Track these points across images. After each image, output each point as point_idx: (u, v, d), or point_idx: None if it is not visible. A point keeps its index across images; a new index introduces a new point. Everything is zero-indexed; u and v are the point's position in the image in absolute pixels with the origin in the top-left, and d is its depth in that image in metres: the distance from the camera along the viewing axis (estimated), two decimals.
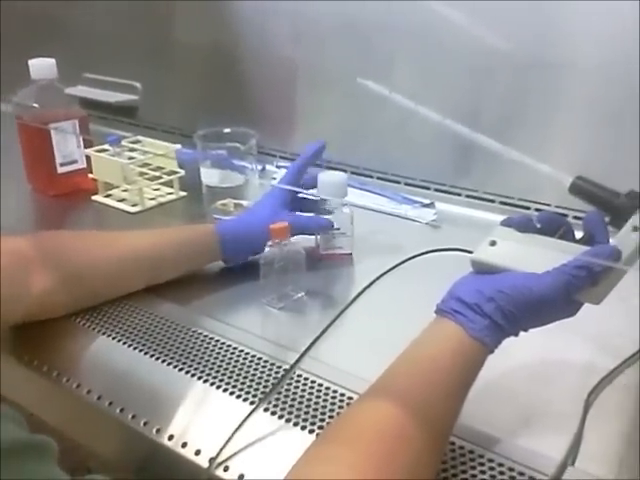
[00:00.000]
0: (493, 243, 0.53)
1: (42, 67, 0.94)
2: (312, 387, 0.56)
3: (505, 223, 0.55)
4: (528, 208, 0.90)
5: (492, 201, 0.93)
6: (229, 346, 0.62)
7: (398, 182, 1.00)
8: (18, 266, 0.61)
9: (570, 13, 0.81)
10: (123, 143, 1.01)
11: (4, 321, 0.60)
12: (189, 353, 0.61)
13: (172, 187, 1.00)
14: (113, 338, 0.65)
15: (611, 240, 0.51)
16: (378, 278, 0.73)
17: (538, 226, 0.54)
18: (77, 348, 0.65)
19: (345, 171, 1.04)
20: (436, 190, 0.97)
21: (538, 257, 0.51)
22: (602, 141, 0.84)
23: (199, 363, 0.60)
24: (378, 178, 1.02)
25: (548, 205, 0.88)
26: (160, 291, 0.72)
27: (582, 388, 0.55)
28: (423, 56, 0.95)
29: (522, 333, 0.50)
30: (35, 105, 0.95)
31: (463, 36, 0.89)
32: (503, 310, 0.48)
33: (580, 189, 0.54)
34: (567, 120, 0.87)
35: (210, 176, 0.90)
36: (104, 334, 0.65)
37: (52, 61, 0.95)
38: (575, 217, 0.85)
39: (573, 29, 0.83)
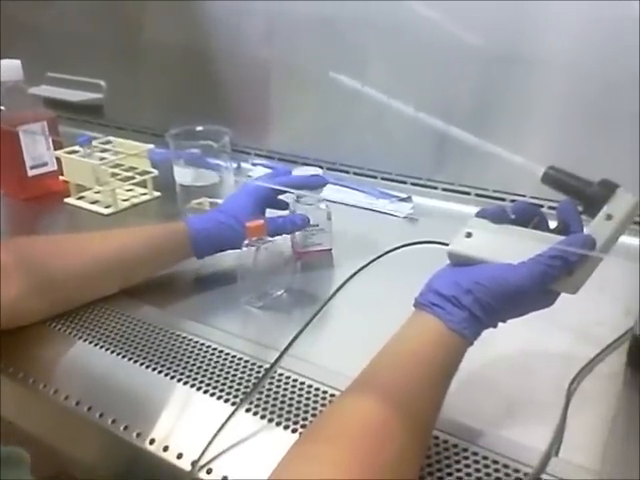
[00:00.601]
0: (469, 235, 0.53)
1: (8, 69, 0.92)
2: (294, 385, 0.55)
3: (480, 215, 0.54)
4: (503, 199, 0.90)
5: (468, 194, 0.93)
6: (208, 347, 0.61)
7: (375, 177, 1.00)
8: None
9: (543, 9, 0.81)
10: (94, 144, 0.99)
11: None
12: (168, 355, 0.60)
13: (146, 187, 0.99)
14: (90, 342, 0.64)
15: (585, 229, 0.52)
16: (355, 274, 0.72)
17: (512, 217, 0.53)
18: (54, 354, 0.64)
19: (322, 167, 1.04)
20: (413, 184, 0.97)
21: (513, 247, 0.51)
22: (575, 134, 0.85)
23: (178, 365, 0.59)
24: (355, 174, 1.02)
25: (523, 196, 0.88)
26: (138, 294, 0.71)
27: (563, 377, 0.55)
28: (397, 52, 0.94)
29: (501, 324, 0.50)
30: (1, 108, 0.93)
31: (437, 31, 0.89)
32: (480, 302, 0.47)
33: (552, 179, 0.54)
34: (540, 114, 0.87)
35: (183, 175, 0.89)
36: (81, 338, 0.64)
37: (18, 62, 0.93)
38: (550, 207, 0.86)
39: (546, 25, 0.83)
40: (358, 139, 1.02)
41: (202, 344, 0.61)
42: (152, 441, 0.52)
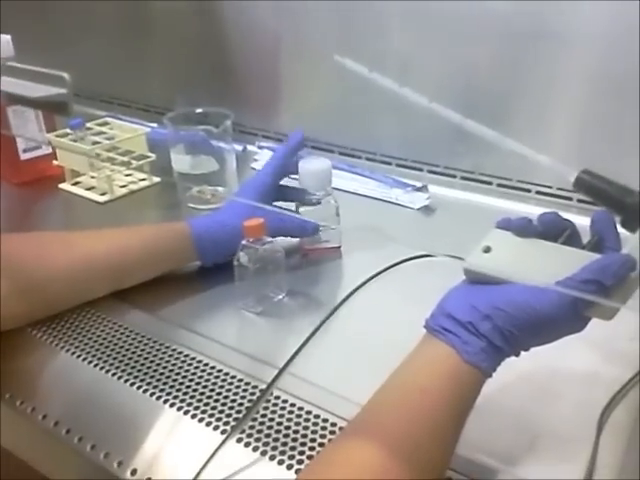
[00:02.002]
0: (488, 249, 0.46)
1: None
2: (291, 412, 0.50)
3: (501, 225, 0.48)
4: (528, 190, 0.83)
5: (489, 183, 0.86)
6: (200, 362, 0.56)
7: (389, 163, 0.93)
8: None
9: None
10: (89, 125, 0.93)
11: None
12: (155, 371, 0.55)
13: (145, 172, 0.93)
14: (73, 353, 0.58)
15: (623, 246, 0.45)
16: (361, 286, 0.66)
17: (539, 229, 0.47)
18: (34, 366, 0.59)
19: (332, 151, 0.98)
20: (429, 172, 0.90)
21: (539, 266, 0.44)
22: (604, 118, 0.77)
23: (165, 384, 0.53)
24: (367, 159, 0.95)
25: (549, 187, 0.81)
26: (128, 296, 0.65)
27: (593, 404, 0.50)
28: (415, 24, 0.86)
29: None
30: None
31: (458, 2, 0.81)
32: (501, 330, 0.41)
33: (587, 185, 0.47)
34: (567, 95, 0.79)
35: (181, 162, 0.83)
36: (63, 349, 0.59)
37: (7, 37, 0.87)
38: (579, 200, 0.79)
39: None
40: (371, 122, 0.94)
41: (193, 358, 0.56)
42: (134, 472, 0.47)
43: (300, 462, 0.45)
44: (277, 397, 0.51)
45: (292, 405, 0.50)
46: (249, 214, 0.64)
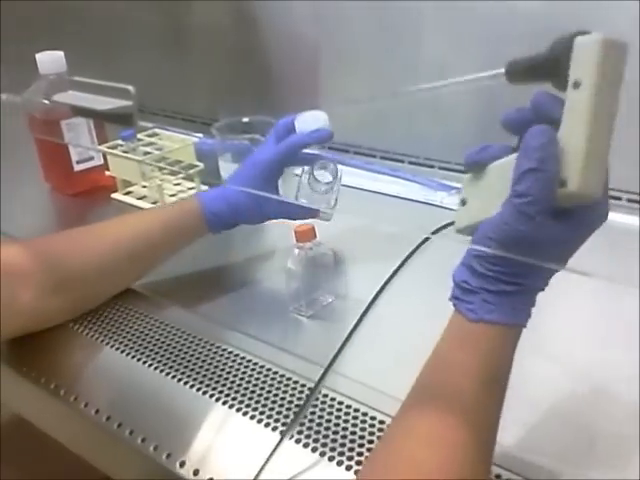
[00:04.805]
0: (464, 202, 0.45)
1: (50, 61, 0.90)
2: (339, 409, 0.50)
3: (465, 168, 0.45)
4: None
5: None
6: (249, 361, 0.57)
7: (432, 166, 0.93)
8: (5, 277, 0.58)
9: None
10: (139, 136, 0.96)
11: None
12: (207, 370, 0.56)
13: (194, 181, 0.95)
14: (117, 349, 0.61)
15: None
16: (391, 277, 0.67)
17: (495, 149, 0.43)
18: (81, 361, 0.62)
19: (374, 156, 0.98)
20: None
21: (500, 191, 0.40)
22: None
23: (217, 382, 0.55)
24: (410, 163, 0.95)
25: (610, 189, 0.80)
26: (172, 294, 0.68)
27: None
28: (450, 27, 0.87)
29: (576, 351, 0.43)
30: (45, 101, 0.91)
31: (498, 7, 0.81)
32: (488, 277, 0.39)
33: (518, 67, 0.43)
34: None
35: (229, 170, 0.84)
36: (108, 344, 0.61)
37: (60, 54, 0.90)
38: (629, 200, 0.78)
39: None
40: (413, 125, 0.95)
41: (243, 357, 0.57)
42: (196, 472, 0.48)
43: (359, 463, 0.46)
44: (325, 395, 0.52)
45: (340, 403, 0.51)
46: (258, 188, 0.67)
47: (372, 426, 0.48)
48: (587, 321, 0.61)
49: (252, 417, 0.51)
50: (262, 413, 0.51)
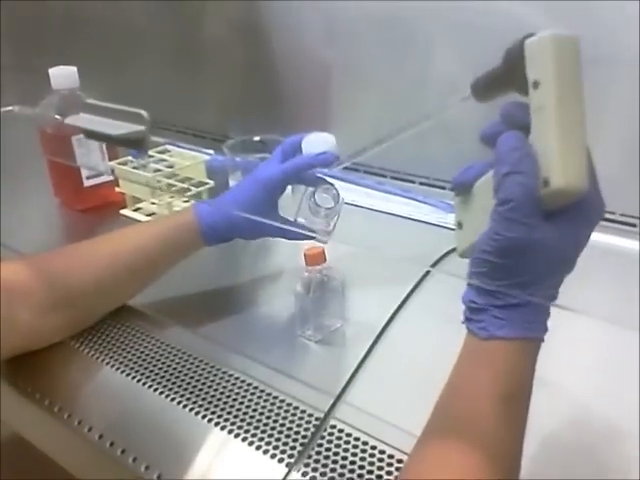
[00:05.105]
0: (460, 225, 0.45)
1: (63, 76, 0.90)
2: (347, 442, 0.49)
3: (455, 192, 0.46)
4: None
5: None
6: (255, 388, 0.56)
7: (443, 188, 0.92)
8: (4, 295, 0.58)
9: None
10: (150, 153, 0.96)
11: None
12: (206, 394, 0.55)
13: (203, 199, 0.95)
14: (117, 369, 0.60)
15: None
16: (403, 302, 0.66)
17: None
18: (79, 380, 0.61)
19: (385, 176, 0.98)
20: None
21: (491, 204, 0.40)
22: None
23: (217, 406, 0.54)
24: (421, 184, 0.94)
25: (612, 213, 0.79)
26: (172, 313, 0.67)
27: None
28: (460, 45, 0.86)
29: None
30: (57, 116, 0.91)
31: (506, 23, 0.80)
32: (494, 295, 0.39)
33: (480, 84, 0.44)
34: (619, 114, 0.77)
35: None
36: (109, 364, 0.61)
37: (73, 69, 0.90)
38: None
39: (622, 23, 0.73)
40: (424, 145, 0.94)
41: (249, 384, 0.56)
42: None
43: None
44: (333, 426, 0.51)
45: (348, 435, 0.50)
46: (254, 204, 0.66)
47: (381, 460, 0.47)
48: (590, 351, 0.60)
49: (257, 447, 0.50)
50: (268, 443, 0.50)
